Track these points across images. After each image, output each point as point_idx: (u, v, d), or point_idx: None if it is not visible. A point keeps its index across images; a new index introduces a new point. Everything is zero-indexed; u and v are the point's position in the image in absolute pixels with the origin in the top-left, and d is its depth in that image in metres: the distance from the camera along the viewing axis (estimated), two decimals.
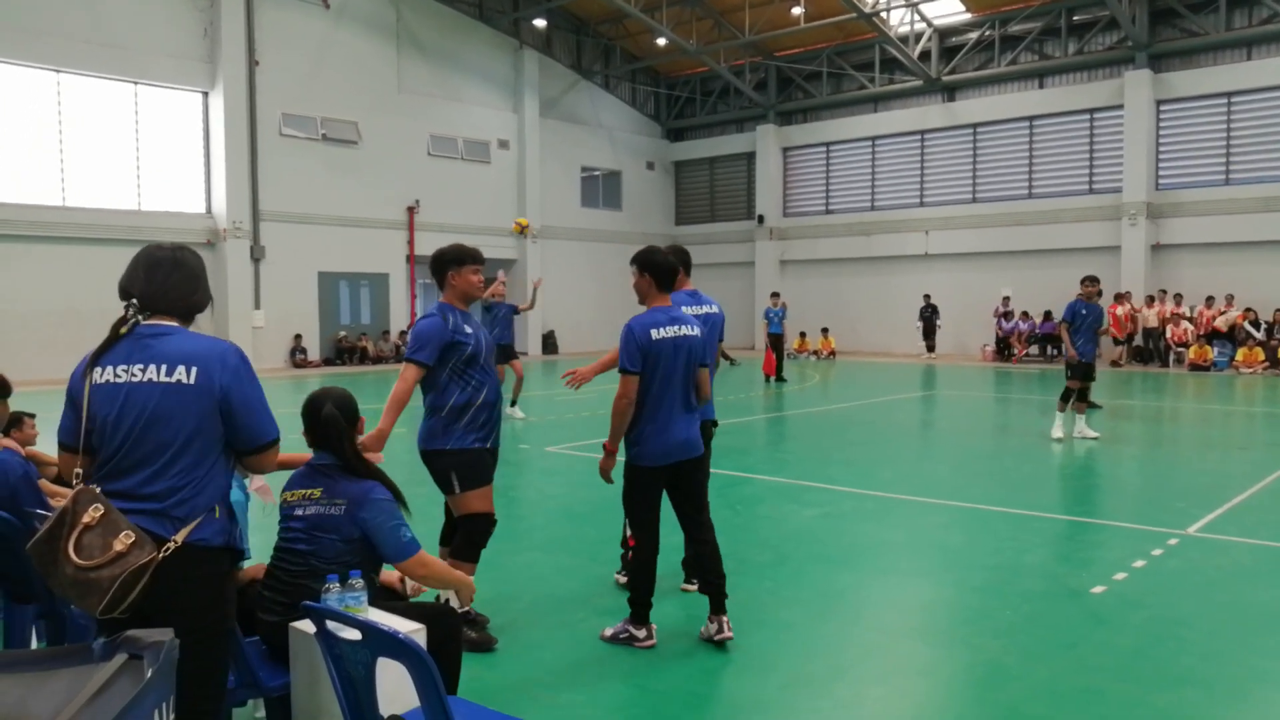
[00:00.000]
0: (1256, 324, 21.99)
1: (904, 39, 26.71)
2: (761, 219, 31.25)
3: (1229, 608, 5.34)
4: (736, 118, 32.42)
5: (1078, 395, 11.56)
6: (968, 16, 26.65)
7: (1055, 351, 24.18)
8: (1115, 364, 23.00)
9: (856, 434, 12.89)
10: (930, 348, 26.03)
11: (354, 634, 2.78)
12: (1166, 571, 6.04)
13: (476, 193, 28.06)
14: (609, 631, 4.89)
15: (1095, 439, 11.41)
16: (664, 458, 4.72)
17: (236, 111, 22.77)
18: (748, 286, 31.44)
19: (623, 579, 5.71)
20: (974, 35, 26.80)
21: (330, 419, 3.51)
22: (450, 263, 4.82)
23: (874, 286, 28.93)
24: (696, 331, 4.82)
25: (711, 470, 6.06)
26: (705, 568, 4.88)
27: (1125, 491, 9.28)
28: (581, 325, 30.42)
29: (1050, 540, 7.06)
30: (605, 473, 4.91)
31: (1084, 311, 11.47)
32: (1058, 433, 11.48)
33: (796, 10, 26.14)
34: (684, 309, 5.45)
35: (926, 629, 5.14)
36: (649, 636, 4.80)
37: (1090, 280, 11.62)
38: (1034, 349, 25.09)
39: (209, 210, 23.05)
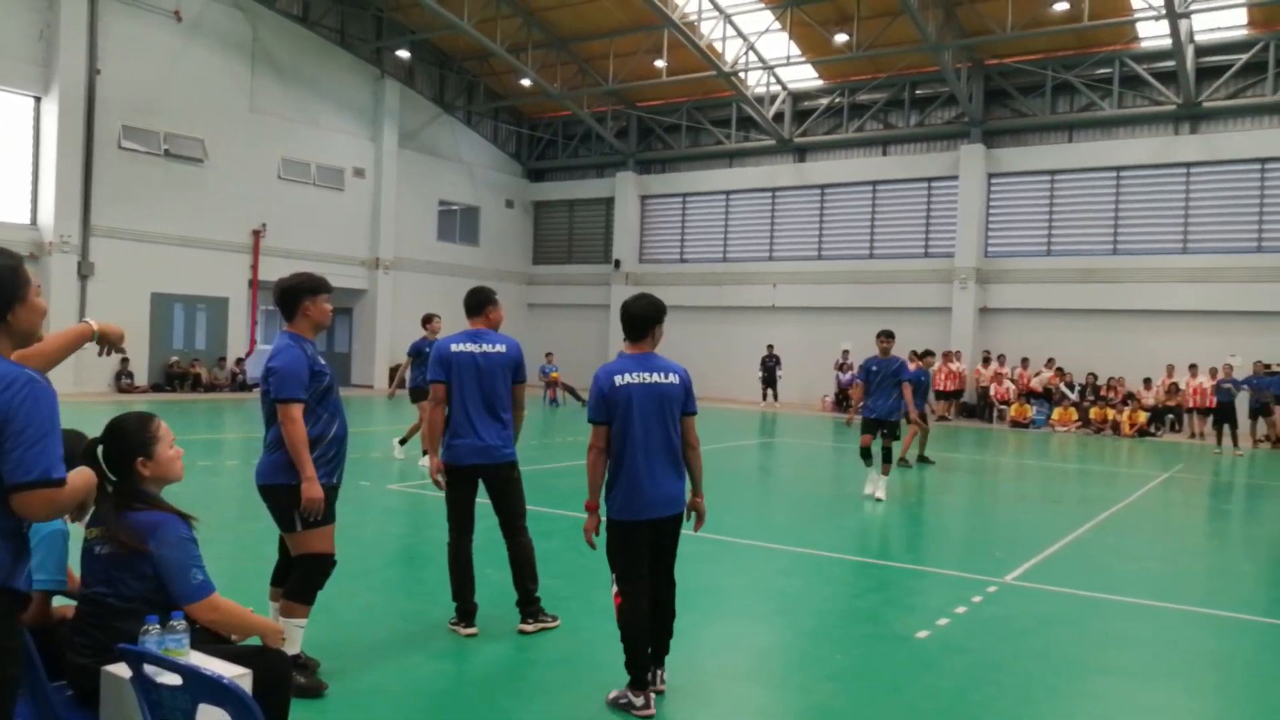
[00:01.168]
0: (1071, 386, 23.70)
1: (760, 100, 27.76)
2: (618, 264, 31.63)
3: (1041, 653, 5.67)
4: (597, 163, 32.84)
5: (864, 453, 11.24)
6: (819, 83, 27.97)
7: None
8: (943, 419, 24.27)
9: None
10: (774, 396, 26.82)
11: (174, 679, 2.63)
12: (986, 617, 6.37)
13: (328, 220, 27.34)
14: (612, 695, 4.57)
15: (878, 500, 10.87)
16: (639, 511, 4.50)
17: (72, 120, 21.49)
18: (603, 330, 31.65)
19: (457, 629, 5.58)
20: (825, 101, 28.13)
21: (89, 456, 3.28)
22: (307, 292, 4.65)
23: (723, 335, 29.64)
24: (671, 379, 4.60)
25: (554, 513, 6.06)
26: (655, 624, 4.66)
27: (950, 540, 9.76)
28: None
29: (881, 586, 7.34)
30: (586, 534, 4.64)
31: (874, 368, 11.25)
32: (869, 489, 11.11)
33: (659, 63, 26.80)
34: (454, 346, 5.56)
35: (762, 673, 5.24)
36: (646, 705, 4.44)
37: (884, 335, 11.39)
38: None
39: (34, 222, 21.58)
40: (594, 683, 4.83)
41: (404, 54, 28.78)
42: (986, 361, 24.74)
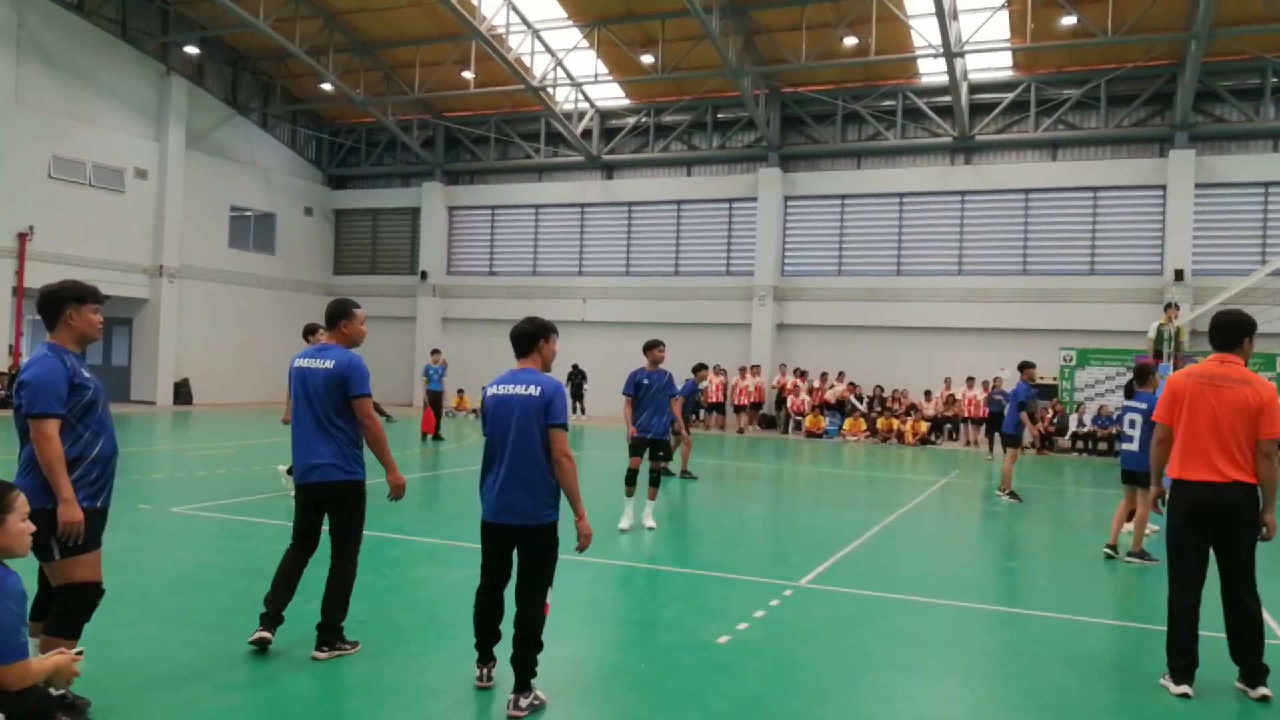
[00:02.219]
0: (860, 398, 25.12)
1: (568, 116, 27.98)
2: (425, 275, 31.01)
3: (833, 652, 5.95)
4: (402, 172, 32.12)
5: (632, 477, 9.85)
6: (627, 102, 28.51)
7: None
8: (740, 431, 25.18)
9: None
10: (581, 410, 27.02)
11: None
12: (782, 620, 6.63)
13: (106, 224, 25.40)
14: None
15: (652, 529, 9.89)
16: (486, 513, 4.85)
17: None
18: (408, 342, 30.94)
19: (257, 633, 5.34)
20: (631, 120, 28.68)
21: None
22: (70, 300, 4.31)
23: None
24: (530, 391, 4.77)
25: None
26: (513, 641, 4.82)
27: (751, 547, 10.08)
28: (221, 374, 28.30)
29: (683, 594, 7.50)
30: None
31: (645, 381, 10.06)
32: (624, 523, 9.77)
33: (467, 74, 26.55)
34: (296, 361, 5.53)
35: (568, 687, 5.23)
36: (480, 678, 4.99)
37: (655, 345, 10.30)
38: None
39: None
40: (395, 705, 4.68)
41: (193, 50, 27.21)
42: (803, 375, 25.77)
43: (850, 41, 23.22)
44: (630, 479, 9.87)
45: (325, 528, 5.56)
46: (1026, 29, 21.69)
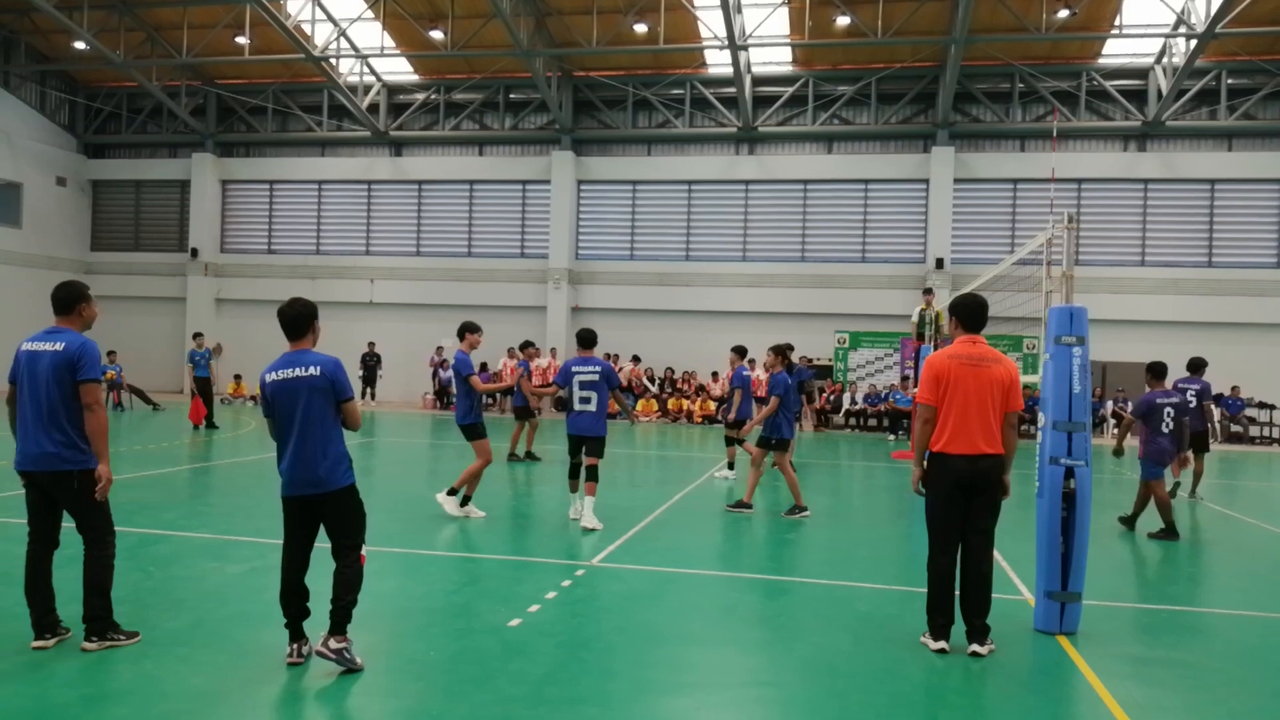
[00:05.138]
0: (652, 379, 25.67)
1: (353, 89, 26.92)
2: (195, 253, 29.07)
3: (623, 629, 6.05)
4: (170, 141, 29.93)
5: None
6: (415, 78, 27.74)
7: (490, 401, 25.79)
8: (538, 412, 25.17)
9: None
10: (372, 395, 26.18)
11: None
12: (574, 600, 6.69)
13: None
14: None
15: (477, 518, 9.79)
16: (284, 488, 5.13)
17: None
18: (178, 324, 28.96)
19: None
20: (421, 96, 27.94)
21: None
22: None
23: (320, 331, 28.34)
24: (312, 372, 5.08)
25: (121, 530, 5.46)
26: (332, 589, 5.13)
27: (542, 529, 10.07)
28: None
29: (476, 579, 7.42)
30: None
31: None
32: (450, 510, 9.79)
33: (241, 40, 25.03)
34: (24, 344, 5.29)
35: (349, 679, 5.07)
36: (290, 655, 5.12)
37: (469, 328, 10.08)
38: None
39: None
40: (160, 711, 4.38)
41: None
42: (636, 359, 26.00)
43: (640, 28, 23.57)
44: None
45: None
46: (805, 26, 22.73)
